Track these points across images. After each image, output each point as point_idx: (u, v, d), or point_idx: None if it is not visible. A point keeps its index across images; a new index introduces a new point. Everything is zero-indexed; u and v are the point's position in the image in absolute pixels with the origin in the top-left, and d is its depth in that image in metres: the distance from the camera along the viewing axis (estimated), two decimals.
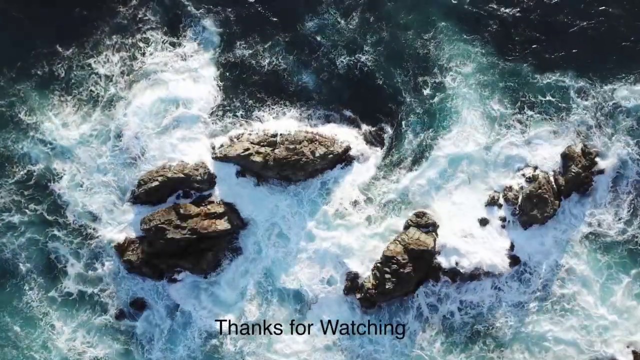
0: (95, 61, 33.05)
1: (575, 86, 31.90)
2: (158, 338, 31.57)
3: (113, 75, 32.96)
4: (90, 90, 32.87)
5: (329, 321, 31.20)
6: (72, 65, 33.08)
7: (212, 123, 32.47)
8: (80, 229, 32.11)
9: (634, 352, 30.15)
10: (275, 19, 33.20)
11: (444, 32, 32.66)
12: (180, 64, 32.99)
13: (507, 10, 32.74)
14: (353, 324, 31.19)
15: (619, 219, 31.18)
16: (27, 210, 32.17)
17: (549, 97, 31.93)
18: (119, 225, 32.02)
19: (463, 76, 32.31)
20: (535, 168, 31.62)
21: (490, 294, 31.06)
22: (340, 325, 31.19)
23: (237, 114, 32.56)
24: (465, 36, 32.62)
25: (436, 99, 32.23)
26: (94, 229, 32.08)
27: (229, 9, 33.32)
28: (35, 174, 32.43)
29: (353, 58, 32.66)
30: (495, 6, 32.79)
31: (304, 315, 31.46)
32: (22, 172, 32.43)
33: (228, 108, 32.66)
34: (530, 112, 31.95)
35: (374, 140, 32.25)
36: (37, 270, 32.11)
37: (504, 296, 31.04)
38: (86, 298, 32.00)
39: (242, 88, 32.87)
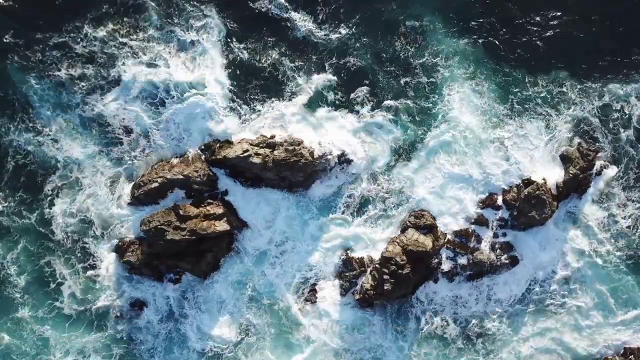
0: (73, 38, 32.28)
1: (570, 85, 31.85)
2: (159, 349, 31.70)
3: (96, 55, 32.29)
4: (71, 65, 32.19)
5: (330, 323, 31.46)
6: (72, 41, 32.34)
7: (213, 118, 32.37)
8: (75, 233, 32.00)
9: (628, 349, 30.39)
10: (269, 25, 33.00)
11: (432, 30, 32.46)
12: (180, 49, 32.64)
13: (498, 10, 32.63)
14: (354, 324, 31.42)
15: (617, 220, 31.34)
16: (15, 216, 31.83)
17: (541, 96, 31.84)
18: (117, 227, 32.12)
19: (454, 73, 32.10)
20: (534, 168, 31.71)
21: (488, 296, 31.25)
22: (341, 326, 31.41)
23: (237, 113, 32.53)
24: (455, 34, 32.39)
25: (426, 96, 32.11)
26: (90, 235, 32.03)
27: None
28: (26, 169, 31.93)
29: (342, 60, 32.45)
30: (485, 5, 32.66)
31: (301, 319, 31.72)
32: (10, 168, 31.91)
33: (230, 106, 32.53)
34: (523, 110, 31.91)
35: (371, 140, 32.28)
36: (32, 279, 31.74)
37: (502, 297, 31.22)
38: (84, 309, 31.88)
39: (242, 88, 32.75)
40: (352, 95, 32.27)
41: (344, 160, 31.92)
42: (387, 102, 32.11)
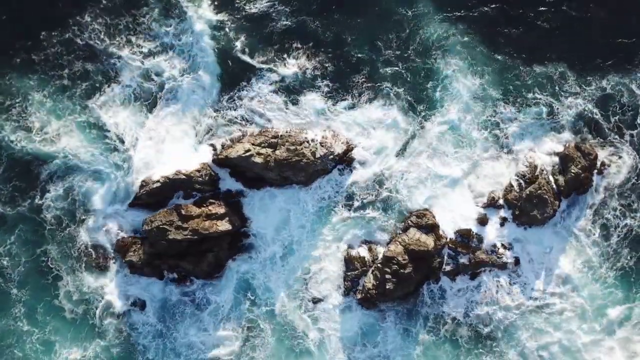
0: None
1: (569, 75, 31.74)
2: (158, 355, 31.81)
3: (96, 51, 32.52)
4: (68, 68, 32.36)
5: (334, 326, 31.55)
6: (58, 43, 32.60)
7: (214, 118, 32.39)
8: (72, 233, 32.18)
9: None
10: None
11: (429, 16, 32.42)
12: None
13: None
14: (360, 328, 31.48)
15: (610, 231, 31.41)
16: (9, 208, 31.88)
17: (538, 89, 31.77)
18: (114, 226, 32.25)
19: (452, 64, 32.10)
20: (535, 167, 31.62)
21: (489, 296, 31.23)
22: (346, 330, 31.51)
23: (237, 113, 32.51)
24: (451, 24, 32.37)
25: (426, 85, 32.17)
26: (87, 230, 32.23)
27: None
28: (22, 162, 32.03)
29: (337, 50, 32.57)
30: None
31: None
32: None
33: (230, 105, 32.58)
34: (520, 99, 31.89)
35: (370, 139, 32.20)
36: (30, 279, 31.83)
37: (502, 298, 31.18)
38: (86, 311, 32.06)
39: (235, 80, 32.78)
40: (349, 87, 32.36)
41: (345, 159, 31.90)
42: (384, 95, 32.13)
